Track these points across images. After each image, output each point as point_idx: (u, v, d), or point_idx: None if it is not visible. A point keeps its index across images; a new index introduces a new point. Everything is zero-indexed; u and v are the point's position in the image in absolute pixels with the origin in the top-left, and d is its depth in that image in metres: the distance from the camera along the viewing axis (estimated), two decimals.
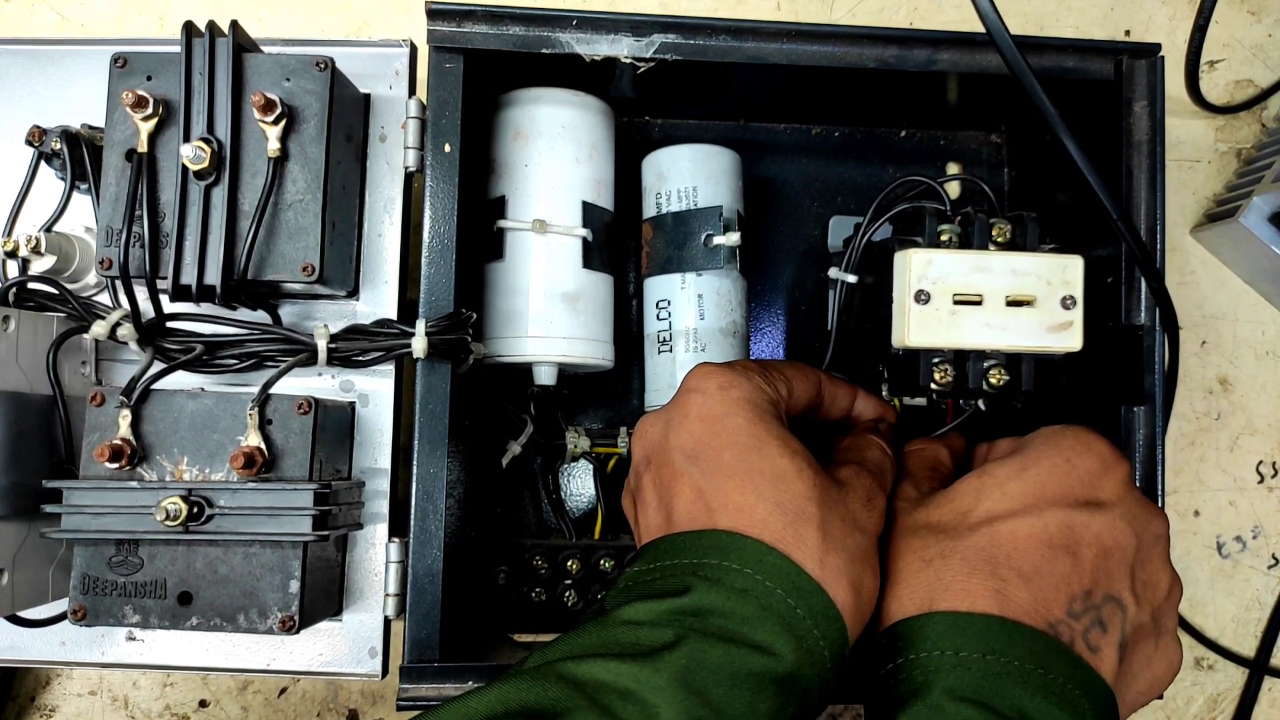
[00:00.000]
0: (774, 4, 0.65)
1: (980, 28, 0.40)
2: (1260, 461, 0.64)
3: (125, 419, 0.43)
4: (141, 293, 0.45)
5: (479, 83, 0.49)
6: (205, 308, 0.46)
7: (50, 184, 0.49)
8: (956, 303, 0.43)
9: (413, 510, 0.46)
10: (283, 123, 0.44)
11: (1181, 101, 0.63)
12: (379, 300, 0.50)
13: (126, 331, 0.45)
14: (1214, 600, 0.63)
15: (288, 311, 0.50)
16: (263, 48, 0.47)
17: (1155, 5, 0.66)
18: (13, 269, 0.48)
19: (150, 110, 0.43)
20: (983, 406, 0.47)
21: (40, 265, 0.47)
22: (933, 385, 0.44)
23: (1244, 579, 0.63)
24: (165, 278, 0.44)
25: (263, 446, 0.43)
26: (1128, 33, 0.66)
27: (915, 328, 0.43)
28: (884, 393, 0.48)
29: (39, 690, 0.60)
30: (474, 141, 0.51)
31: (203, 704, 0.60)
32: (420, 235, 0.46)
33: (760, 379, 0.40)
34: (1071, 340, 0.44)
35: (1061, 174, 0.55)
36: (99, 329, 0.45)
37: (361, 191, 0.50)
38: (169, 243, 0.44)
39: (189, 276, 0.44)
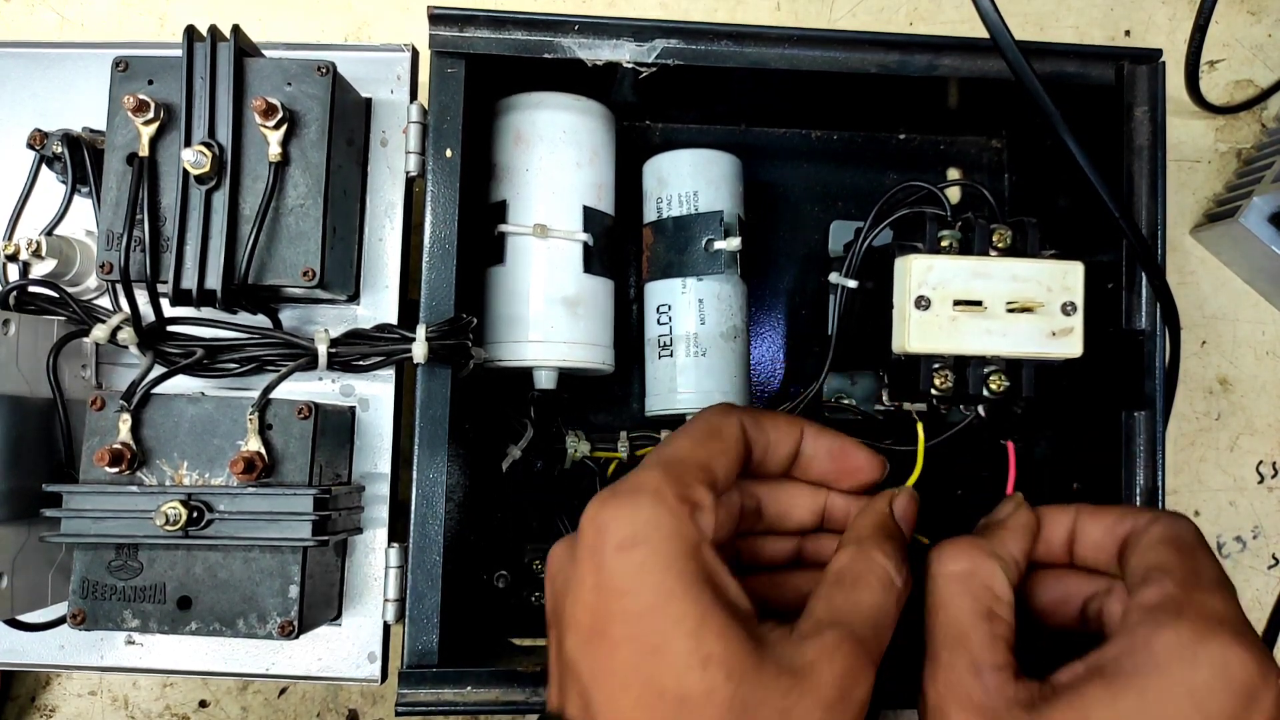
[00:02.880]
0: (774, 4, 0.65)
1: (981, 31, 0.40)
2: (1260, 461, 0.64)
3: (125, 423, 0.43)
4: (142, 296, 0.45)
5: (480, 87, 0.49)
6: (206, 312, 0.46)
7: (51, 187, 0.49)
8: (957, 308, 0.43)
9: (413, 515, 0.46)
10: (284, 127, 0.44)
11: (1181, 102, 0.63)
12: (380, 305, 0.50)
13: (127, 335, 0.45)
14: None
15: (288, 316, 0.49)
16: (264, 51, 0.47)
17: (1155, 5, 0.66)
18: (13, 272, 0.48)
19: (151, 114, 0.43)
20: (982, 413, 0.47)
21: (41, 269, 0.47)
22: (933, 391, 0.44)
23: (1244, 579, 0.64)
24: (166, 282, 0.44)
25: (263, 451, 0.43)
26: (1128, 33, 0.66)
27: (916, 333, 0.43)
28: (884, 398, 0.48)
29: (39, 690, 0.60)
30: (475, 146, 0.51)
31: (202, 704, 0.60)
32: (421, 239, 0.46)
33: (676, 503, 0.31)
34: (1072, 346, 0.44)
35: (1062, 178, 0.55)
36: (99, 333, 0.45)
37: (362, 196, 0.50)
38: (170, 247, 0.44)
39: (190, 281, 0.44)
